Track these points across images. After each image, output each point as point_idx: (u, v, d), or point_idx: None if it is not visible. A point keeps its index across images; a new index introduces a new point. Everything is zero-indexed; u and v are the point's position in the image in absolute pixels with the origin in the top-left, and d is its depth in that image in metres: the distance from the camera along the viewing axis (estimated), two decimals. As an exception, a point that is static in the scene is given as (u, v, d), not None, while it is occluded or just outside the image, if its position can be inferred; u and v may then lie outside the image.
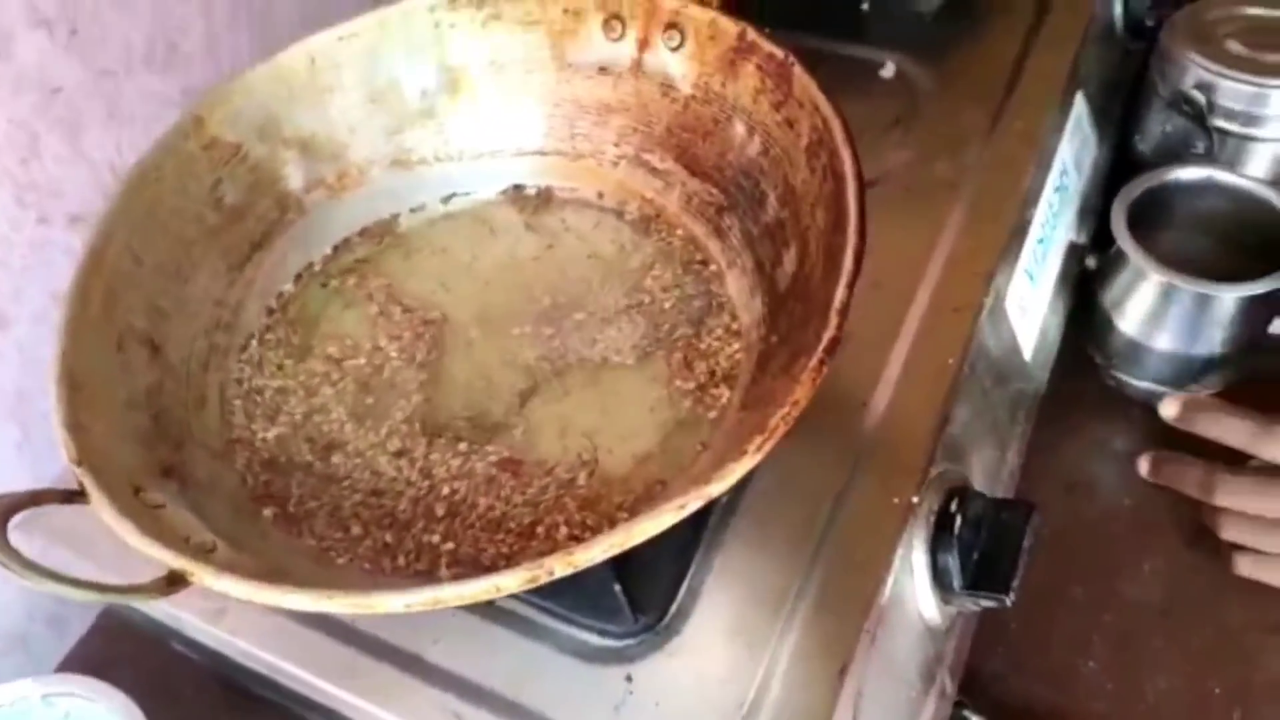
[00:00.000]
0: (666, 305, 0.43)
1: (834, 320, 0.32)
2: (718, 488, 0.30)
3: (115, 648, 0.52)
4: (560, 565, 0.28)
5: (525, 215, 0.47)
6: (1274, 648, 0.49)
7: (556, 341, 0.42)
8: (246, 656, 0.39)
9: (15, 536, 0.30)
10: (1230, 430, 0.48)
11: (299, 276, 0.45)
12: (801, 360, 0.33)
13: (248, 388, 0.42)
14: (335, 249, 0.46)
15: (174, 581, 0.29)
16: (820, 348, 0.32)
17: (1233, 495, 0.48)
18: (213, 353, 0.41)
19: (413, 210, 0.47)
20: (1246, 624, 0.48)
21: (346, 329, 0.44)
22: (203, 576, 0.29)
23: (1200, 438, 0.49)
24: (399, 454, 0.39)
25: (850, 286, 0.33)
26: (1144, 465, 0.52)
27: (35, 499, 0.31)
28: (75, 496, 0.31)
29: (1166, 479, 0.51)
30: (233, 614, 0.39)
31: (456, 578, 0.28)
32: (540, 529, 0.36)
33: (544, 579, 0.28)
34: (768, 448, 0.30)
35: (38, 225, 0.54)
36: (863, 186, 0.35)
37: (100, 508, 0.31)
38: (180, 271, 0.41)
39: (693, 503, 0.29)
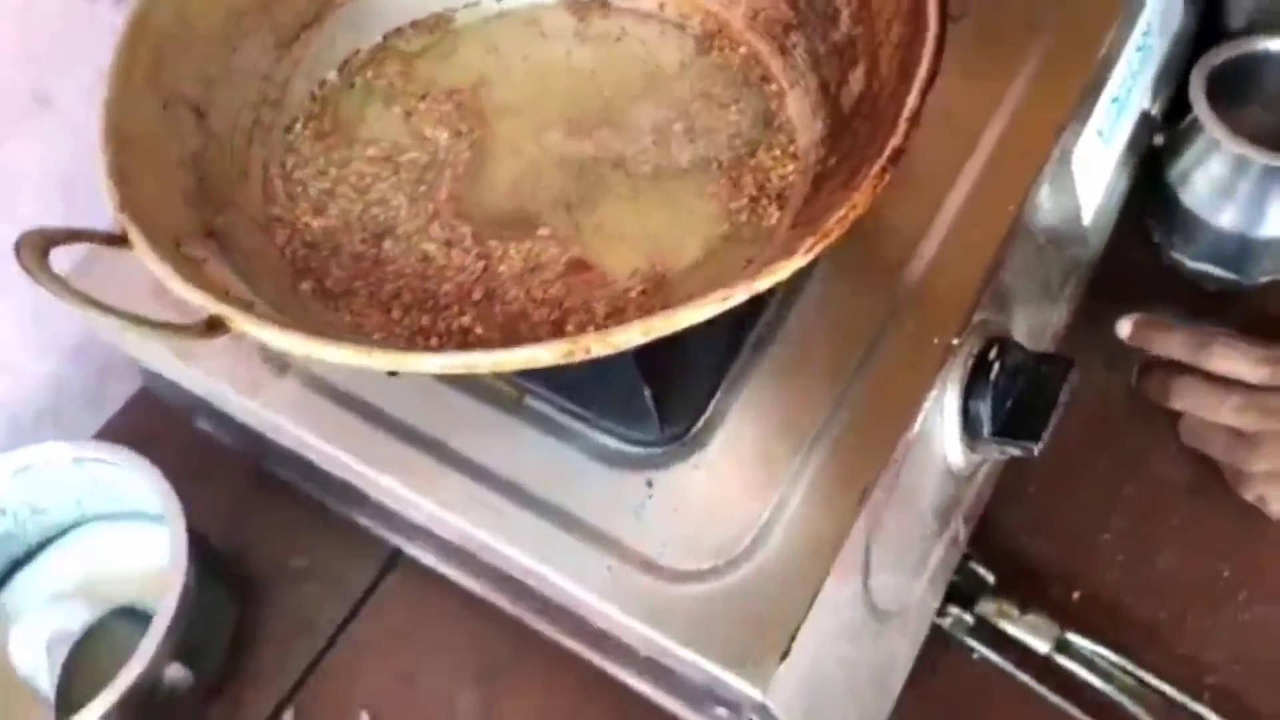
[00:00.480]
0: (723, 122, 0.41)
1: (902, 128, 0.31)
2: (763, 283, 0.29)
3: (148, 427, 0.53)
4: (598, 344, 0.28)
5: (582, 21, 0.45)
6: (1291, 537, 0.48)
7: (606, 149, 0.41)
8: (277, 431, 0.40)
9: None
10: (1175, 345, 0.49)
11: (345, 63, 0.44)
12: (863, 171, 0.32)
13: (291, 171, 0.41)
14: (386, 38, 0.45)
15: (212, 326, 0.29)
16: (885, 154, 0.30)
17: (1219, 360, 0.47)
18: (256, 127, 0.40)
19: (467, 5, 0.45)
20: (1264, 514, 0.48)
21: (389, 124, 0.43)
22: (242, 323, 0.29)
23: None
24: (446, 243, 0.39)
25: (923, 95, 0.31)
26: (1124, 328, 0.51)
27: (75, 235, 0.30)
28: (117, 240, 0.31)
29: (1147, 343, 0.50)
30: (268, 389, 0.40)
31: (491, 352, 0.28)
32: (574, 323, 0.36)
33: (579, 355, 0.28)
34: (818, 249, 0.30)
35: (88, 3, 0.53)
36: (945, -2, 0.33)
37: (142, 252, 0.31)
38: (229, 40, 0.40)
39: (738, 295, 0.29)
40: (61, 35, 0.52)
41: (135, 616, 0.46)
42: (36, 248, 0.28)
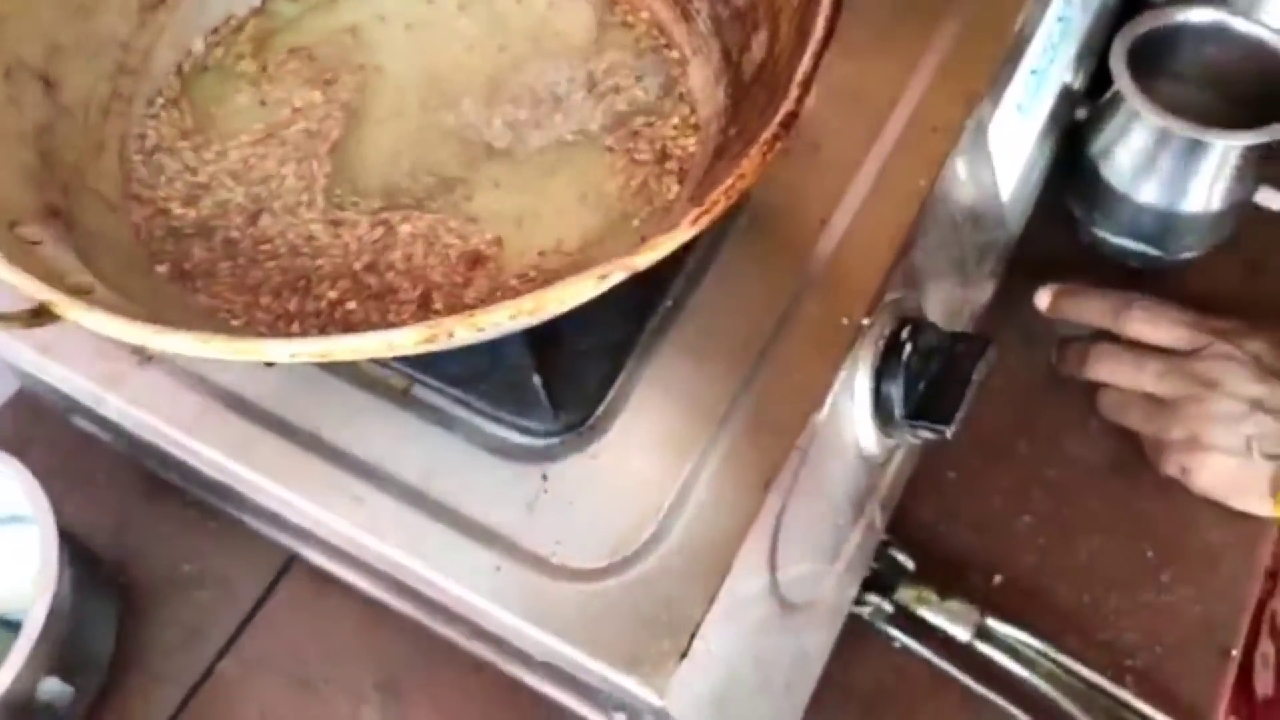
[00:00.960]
0: (622, 91, 0.39)
1: (794, 92, 0.29)
2: (644, 260, 0.27)
3: (27, 429, 0.50)
4: (462, 327, 0.26)
5: (477, -13, 0.43)
6: (1212, 515, 0.48)
7: (498, 120, 0.39)
8: (143, 427, 0.37)
9: None
10: (1094, 311, 0.48)
11: (215, 30, 0.41)
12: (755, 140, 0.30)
13: (153, 149, 0.38)
14: (264, 3, 0.42)
15: (39, 314, 0.27)
16: (776, 120, 0.28)
17: (1139, 323, 0.47)
18: (115, 99, 0.37)
19: (353, -31, 0.43)
20: (1186, 490, 0.47)
21: (259, 99, 0.40)
22: (68, 310, 0.26)
23: None
24: (325, 222, 0.36)
25: (817, 58, 0.30)
26: (1043, 298, 0.50)
27: (-114, 215, 0.27)
28: (-64, 220, 0.28)
29: (1066, 311, 0.49)
30: (131, 382, 0.37)
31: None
32: (456, 306, 0.34)
33: (442, 339, 0.26)
34: (704, 222, 0.28)
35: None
36: (843, -43, 0.31)
37: (-38, 232, 0.28)
38: (84, 7, 0.37)
39: (615, 273, 0.27)
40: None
41: (11, 628, 0.43)
42: None
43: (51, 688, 0.40)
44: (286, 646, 0.45)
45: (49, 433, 0.49)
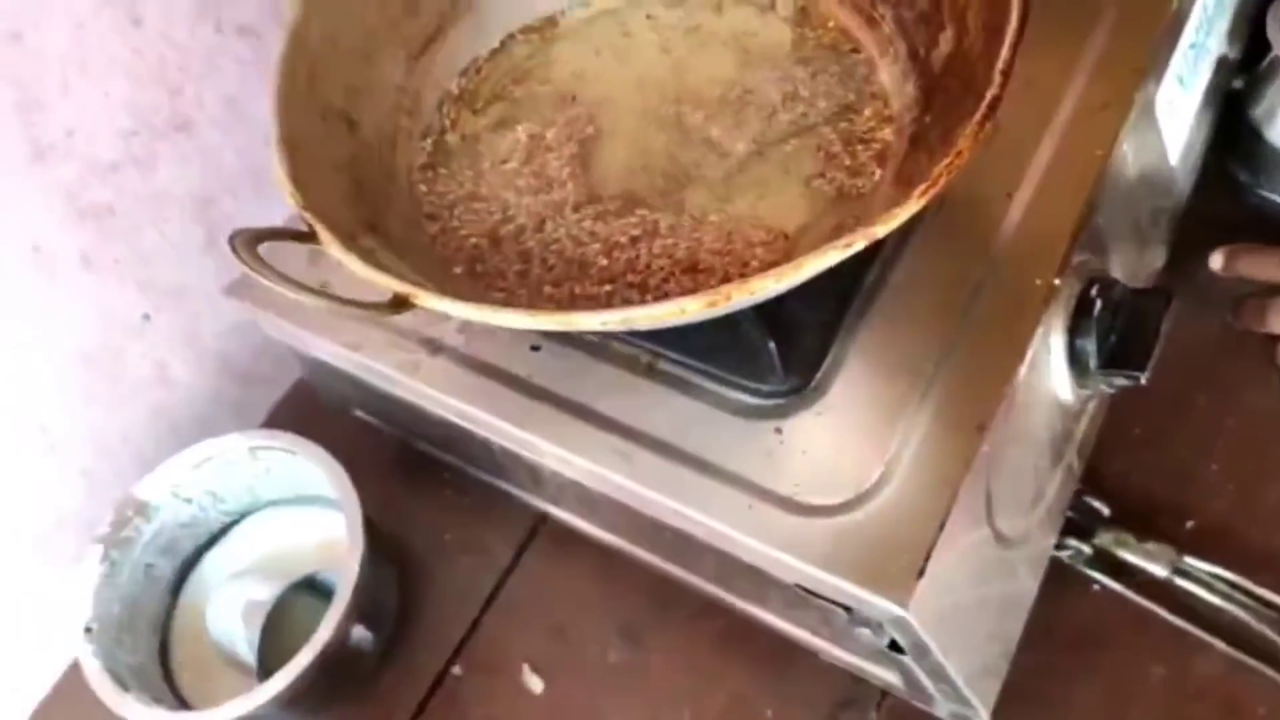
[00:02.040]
0: (819, 94, 0.44)
1: (998, 79, 0.34)
2: (882, 228, 0.32)
3: (303, 420, 0.57)
4: (739, 292, 0.31)
5: (680, 8, 0.49)
6: (1402, 457, 0.49)
7: (708, 127, 0.44)
8: (437, 404, 0.44)
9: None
10: (1268, 266, 0.49)
11: (464, 72, 0.48)
12: (962, 124, 0.34)
13: (433, 174, 0.45)
14: (501, 43, 0.49)
15: (399, 304, 0.34)
16: (984, 104, 0.33)
17: None
18: (399, 134, 0.45)
19: (571, 6, 0.49)
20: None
21: (508, 130, 0.47)
22: (425, 298, 0.33)
23: None
24: (583, 227, 0.42)
25: (1014, 47, 0.34)
26: (1216, 260, 0.51)
27: (275, 233, 0.35)
28: (306, 237, 0.36)
29: (1241, 268, 0.51)
30: (425, 368, 0.44)
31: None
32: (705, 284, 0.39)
33: (722, 304, 0.31)
34: (932, 194, 0.32)
35: (214, 34, 0.58)
36: (1029, -46, 0.36)
37: (329, 244, 0.35)
38: (369, 57, 0.45)
39: (858, 241, 0.32)
40: (193, 63, 0.57)
41: (314, 589, 0.51)
42: (248, 242, 0.33)
43: (359, 634, 0.48)
44: (539, 598, 0.52)
45: (323, 422, 0.56)
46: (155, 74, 0.55)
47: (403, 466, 0.56)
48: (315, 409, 0.58)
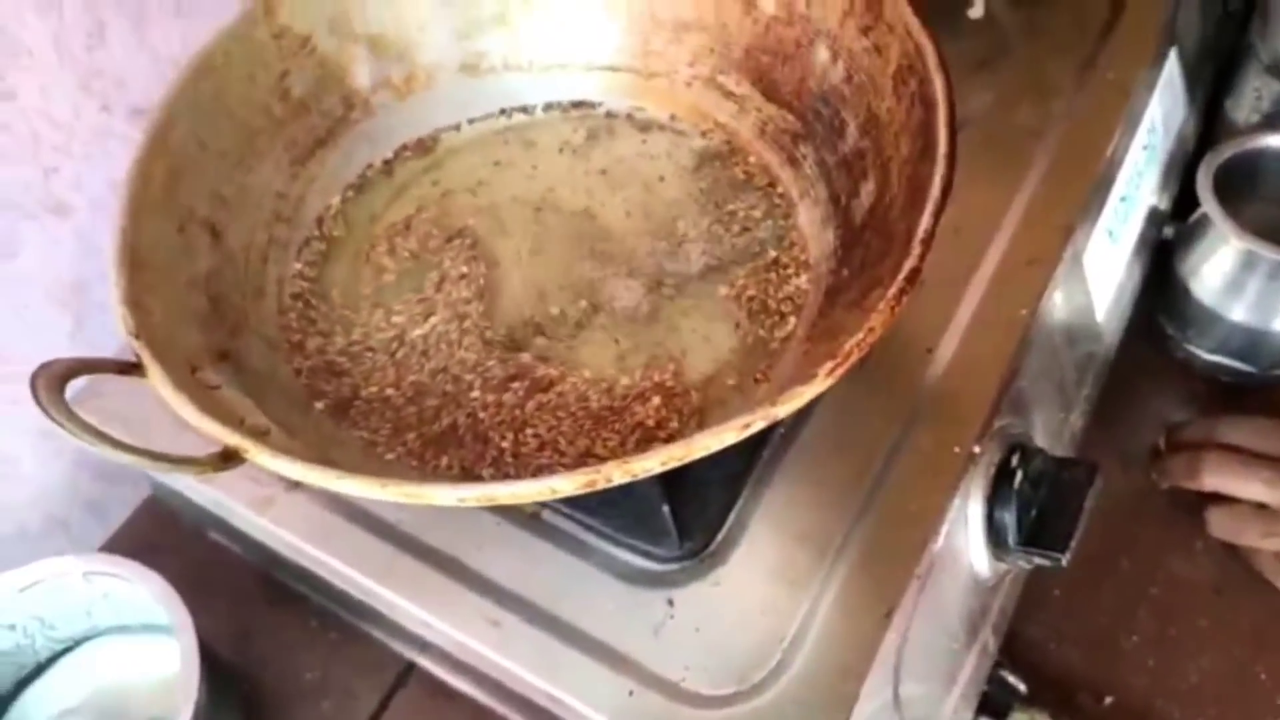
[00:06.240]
0: (733, 233, 0.42)
1: (917, 250, 0.31)
2: (784, 409, 0.29)
3: (156, 536, 0.52)
4: (619, 472, 0.28)
5: (590, 134, 0.46)
6: (1326, 636, 0.47)
7: (615, 264, 0.41)
8: (289, 548, 0.39)
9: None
10: (1251, 485, 0.47)
11: (357, 179, 0.44)
12: (878, 291, 0.31)
13: (306, 292, 0.41)
14: (396, 153, 0.45)
15: (228, 458, 0.29)
16: (901, 276, 0.30)
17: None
18: (272, 245, 0.41)
19: (473, 120, 0.46)
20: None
21: (397, 250, 0.43)
22: (257, 455, 0.29)
23: None
24: (463, 362, 0.38)
25: (936, 215, 0.31)
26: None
27: (89, 366, 0.30)
28: (131, 369, 0.31)
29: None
30: (280, 505, 0.39)
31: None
32: (595, 449, 0.36)
33: (601, 484, 0.28)
34: (839, 373, 0.29)
35: (100, 113, 0.53)
36: (954, 113, 0.34)
37: (156, 381, 0.31)
38: (244, 161, 0.41)
39: (757, 423, 0.29)
40: (74, 144, 0.53)
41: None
42: (52, 382, 0.28)
43: (191, 794, 0.42)
44: (404, 757, 0.46)
45: (177, 541, 0.51)
46: (26, 151, 0.51)
47: (262, 595, 0.50)
48: (174, 522, 0.52)
